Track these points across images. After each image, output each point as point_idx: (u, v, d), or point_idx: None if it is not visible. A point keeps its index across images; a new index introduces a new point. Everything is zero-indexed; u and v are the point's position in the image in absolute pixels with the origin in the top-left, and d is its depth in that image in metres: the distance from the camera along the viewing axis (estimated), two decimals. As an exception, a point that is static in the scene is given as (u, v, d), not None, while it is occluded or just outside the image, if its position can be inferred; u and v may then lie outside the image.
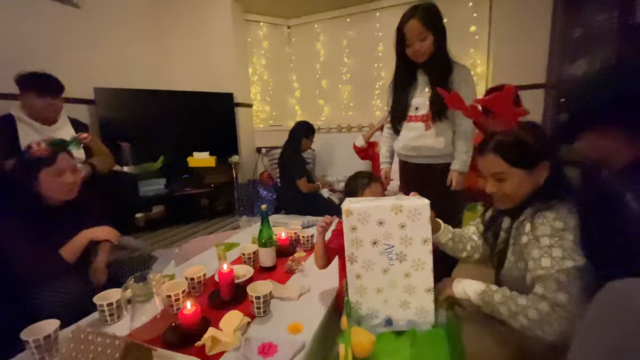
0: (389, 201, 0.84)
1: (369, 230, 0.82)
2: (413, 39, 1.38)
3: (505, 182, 0.86)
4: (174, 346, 0.92)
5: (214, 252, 1.56)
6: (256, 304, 1.04)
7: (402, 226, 0.81)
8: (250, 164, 3.53)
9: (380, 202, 0.85)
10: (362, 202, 0.87)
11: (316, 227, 1.14)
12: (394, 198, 0.90)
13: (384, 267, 0.84)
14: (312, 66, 3.61)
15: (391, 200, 0.85)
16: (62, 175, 1.24)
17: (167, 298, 1.08)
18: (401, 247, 0.83)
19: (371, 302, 0.86)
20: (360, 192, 1.13)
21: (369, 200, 0.90)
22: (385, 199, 0.89)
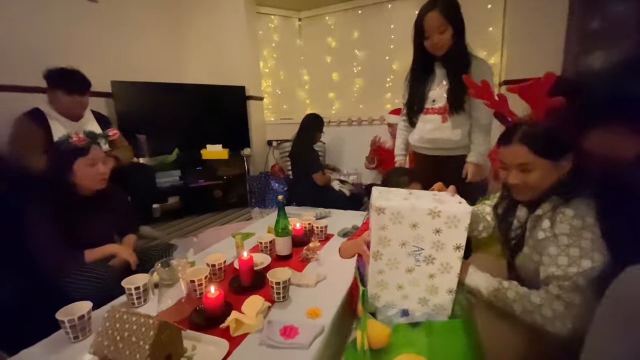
0: (426, 201, 0.77)
1: (400, 231, 0.77)
2: (432, 31, 1.38)
3: (530, 173, 0.84)
4: (200, 328, 0.97)
5: (231, 241, 1.62)
6: (276, 289, 1.08)
7: (437, 231, 0.76)
8: (261, 156, 3.57)
9: (416, 200, 0.78)
10: (395, 197, 0.80)
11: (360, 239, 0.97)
12: (431, 195, 0.83)
13: (409, 267, 0.82)
14: (322, 59, 3.61)
15: (428, 201, 0.77)
16: (95, 165, 1.31)
17: (191, 283, 1.14)
18: (431, 250, 0.79)
19: (390, 296, 0.86)
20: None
21: (403, 195, 0.82)
22: (422, 197, 0.81)
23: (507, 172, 0.89)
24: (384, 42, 3.33)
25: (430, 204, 0.75)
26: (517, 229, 0.95)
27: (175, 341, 0.85)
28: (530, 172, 0.84)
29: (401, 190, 0.87)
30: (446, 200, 0.80)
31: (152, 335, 0.78)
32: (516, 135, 0.85)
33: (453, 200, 0.80)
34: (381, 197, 0.80)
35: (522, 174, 0.86)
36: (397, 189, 0.87)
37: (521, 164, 0.85)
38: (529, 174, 0.84)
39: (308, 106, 3.76)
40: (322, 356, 0.90)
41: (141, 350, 0.78)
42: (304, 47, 3.71)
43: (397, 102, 3.36)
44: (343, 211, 2.20)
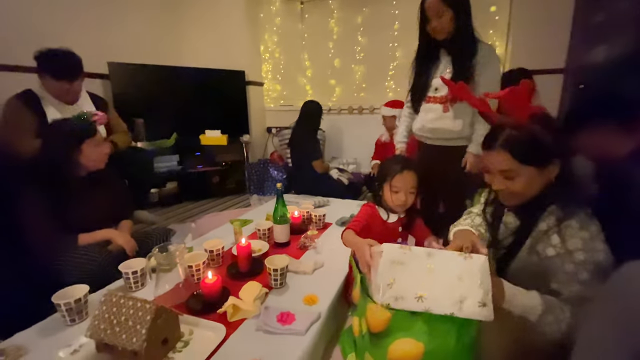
0: (445, 298, 0.68)
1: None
2: (432, 14, 1.35)
3: (514, 180, 0.80)
4: (197, 313, 0.98)
5: (229, 227, 1.62)
6: (273, 276, 1.09)
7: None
8: (260, 143, 3.55)
9: (430, 300, 0.68)
10: (407, 283, 0.70)
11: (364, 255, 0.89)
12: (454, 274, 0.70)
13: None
14: (324, 44, 3.53)
15: (449, 296, 0.68)
16: (101, 146, 1.31)
17: (189, 268, 1.14)
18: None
19: None
20: (390, 177, 1.10)
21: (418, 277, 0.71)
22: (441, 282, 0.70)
23: (492, 177, 0.86)
24: (388, 29, 3.26)
25: (448, 307, 0.67)
26: (509, 236, 0.90)
27: (172, 326, 0.86)
28: (514, 179, 0.80)
29: (419, 261, 0.72)
30: (470, 292, 0.68)
31: (149, 319, 0.79)
32: (499, 141, 0.81)
33: (476, 291, 0.68)
34: (390, 291, 0.70)
35: (506, 180, 0.82)
36: (414, 255, 0.73)
37: (504, 171, 0.81)
38: (513, 180, 0.80)
39: (308, 93, 3.70)
40: (318, 342, 0.91)
41: (138, 334, 0.78)
42: (306, 31, 3.62)
43: (400, 91, 3.32)
44: (341, 200, 2.20)
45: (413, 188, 1.11)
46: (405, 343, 0.74)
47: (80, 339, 0.86)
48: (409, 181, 1.09)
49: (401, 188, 1.10)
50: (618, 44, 2.06)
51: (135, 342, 0.78)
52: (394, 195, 1.11)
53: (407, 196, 1.11)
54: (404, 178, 1.09)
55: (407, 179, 1.09)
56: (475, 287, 0.68)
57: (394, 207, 1.15)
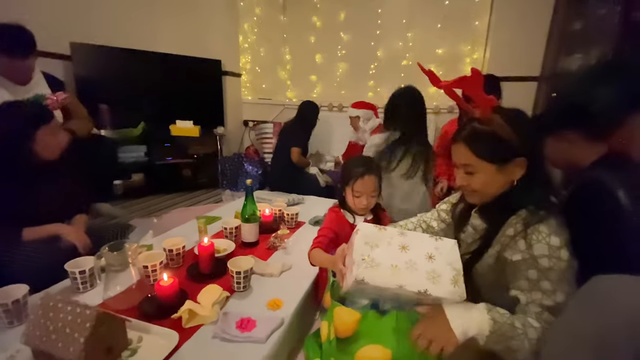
0: (418, 275, 0.67)
1: (379, 293, 0.71)
2: None
3: (473, 176, 0.79)
4: (150, 317, 0.90)
5: (195, 224, 1.53)
6: (236, 278, 1.02)
7: (419, 300, 0.70)
8: (236, 136, 3.43)
9: (406, 273, 0.67)
10: (382, 258, 0.69)
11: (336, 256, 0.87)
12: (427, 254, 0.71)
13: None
14: (306, 39, 3.46)
15: (421, 274, 0.67)
16: (58, 134, 1.20)
17: (144, 269, 1.05)
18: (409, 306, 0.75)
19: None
20: (352, 182, 1.08)
21: (393, 255, 0.70)
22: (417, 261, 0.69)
23: (456, 172, 0.84)
24: (371, 27, 3.23)
25: (421, 283, 0.66)
26: (477, 240, 0.86)
27: (116, 333, 0.78)
28: (474, 174, 0.79)
29: (393, 239, 0.72)
30: (442, 269, 0.68)
31: (89, 327, 0.71)
32: (462, 134, 0.80)
33: (448, 270, 0.69)
34: (365, 263, 0.68)
35: (466, 175, 0.80)
36: (388, 234, 0.73)
37: (464, 165, 0.80)
38: (473, 176, 0.79)
39: (288, 87, 3.62)
40: (280, 350, 0.86)
41: (75, 343, 0.70)
42: (288, 24, 3.53)
43: (380, 91, 3.31)
44: (317, 198, 2.15)
45: (374, 191, 1.10)
46: (372, 350, 0.71)
47: (17, 344, 0.77)
48: (370, 185, 1.08)
49: (363, 192, 1.08)
50: (592, 53, 2.13)
51: (73, 351, 0.69)
52: (356, 199, 1.10)
53: (368, 200, 1.10)
54: (365, 183, 1.07)
55: (368, 184, 1.07)
56: (446, 265, 0.69)
57: (357, 210, 1.14)
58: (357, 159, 1.15)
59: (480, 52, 2.98)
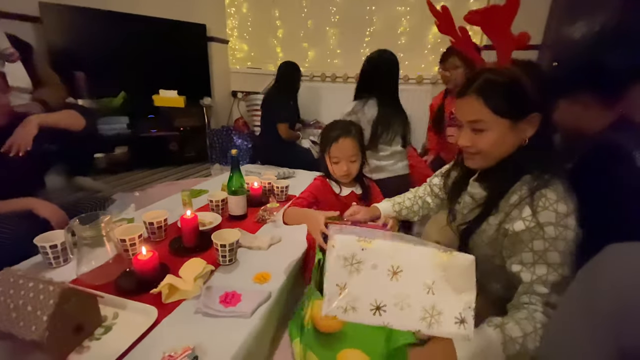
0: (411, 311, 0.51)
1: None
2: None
3: (483, 134, 0.70)
4: (128, 293, 0.85)
5: (179, 198, 1.45)
6: (221, 252, 0.96)
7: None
8: (224, 108, 3.27)
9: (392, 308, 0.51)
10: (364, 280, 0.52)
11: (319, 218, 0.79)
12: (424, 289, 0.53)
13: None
14: (297, 2, 3.22)
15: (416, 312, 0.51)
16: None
17: (122, 242, 0.98)
18: None
19: None
20: (328, 147, 1.00)
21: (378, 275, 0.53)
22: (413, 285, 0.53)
23: (459, 133, 0.75)
24: (366, -11, 3.01)
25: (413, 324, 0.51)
26: (475, 208, 0.79)
27: (87, 310, 0.72)
28: (483, 132, 0.69)
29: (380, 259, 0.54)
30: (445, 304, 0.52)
31: (52, 304, 0.64)
32: (474, 85, 0.69)
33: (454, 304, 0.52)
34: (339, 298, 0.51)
35: (474, 134, 0.71)
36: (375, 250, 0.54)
37: (474, 121, 0.70)
38: (482, 134, 0.70)
39: (279, 56, 3.42)
40: (266, 325, 0.82)
41: (38, 321, 0.64)
42: (278, -14, 3.27)
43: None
44: (308, 172, 2.08)
45: (354, 156, 1.00)
46: (355, 356, 0.65)
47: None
48: (347, 149, 0.98)
49: (341, 157, 1.00)
50: (597, 20, 2.02)
51: (35, 330, 0.64)
52: (335, 166, 1.02)
53: (348, 165, 1.00)
54: (341, 146, 0.98)
55: (345, 147, 0.98)
56: (453, 296, 0.52)
57: (339, 179, 1.06)
58: (334, 123, 1.05)
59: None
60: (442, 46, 2.95)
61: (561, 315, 0.55)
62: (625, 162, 0.63)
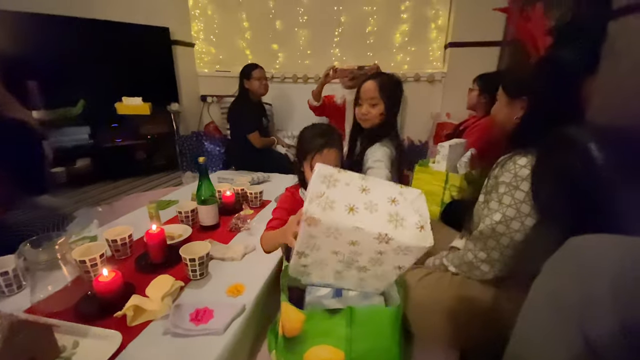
0: (378, 217, 0.57)
1: (335, 243, 0.60)
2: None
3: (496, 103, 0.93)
4: (89, 319, 0.79)
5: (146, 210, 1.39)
6: (190, 266, 0.92)
7: (380, 253, 0.61)
8: (194, 113, 3.16)
9: (364, 213, 0.57)
10: (339, 198, 0.58)
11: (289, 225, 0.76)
12: (389, 198, 0.60)
13: (338, 270, 0.68)
14: (264, 3, 3.18)
15: (382, 215, 0.57)
16: None
17: (82, 264, 0.92)
18: (368, 263, 0.64)
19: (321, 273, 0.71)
20: (310, 157, 0.92)
21: (352, 195, 0.59)
22: (377, 204, 0.59)
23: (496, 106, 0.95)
24: (333, -10, 3.02)
25: (381, 225, 0.56)
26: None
27: (41, 342, 0.66)
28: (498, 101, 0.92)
29: (352, 181, 0.62)
30: (406, 213, 0.59)
31: (0, 338, 0.58)
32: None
33: (413, 215, 0.60)
34: (319, 200, 0.57)
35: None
36: (348, 176, 0.62)
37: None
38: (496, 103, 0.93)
39: (248, 58, 3.36)
40: (242, 340, 0.79)
41: (-17, 360, 0.58)
42: (243, -13, 3.21)
43: (345, 59, 3.17)
44: (284, 175, 2.05)
45: (337, 167, 0.97)
46: (321, 350, 0.65)
47: None
48: (332, 160, 0.90)
49: None
50: (553, 13, 2.12)
51: (-20, 371, 0.57)
52: None
53: None
54: (326, 158, 0.90)
55: (330, 159, 0.91)
56: (412, 211, 0.59)
57: None
58: (315, 127, 0.97)
59: (444, 18, 2.90)
60: (410, 45, 3.02)
61: (528, 309, 0.56)
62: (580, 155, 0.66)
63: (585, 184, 0.65)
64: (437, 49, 3.00)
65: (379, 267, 0.63)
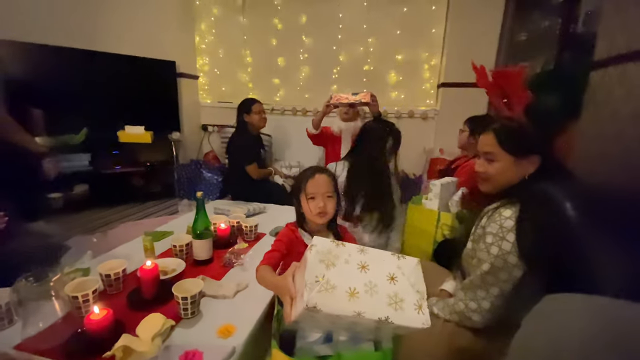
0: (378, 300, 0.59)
1: (334, 320, 0.61)
2: None
3: (493, 164, 0.89)
4: (79, 358, 0.79)
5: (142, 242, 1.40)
6: (182, 305, 0.93)
7: (378, 329, 0.63)
8: (194, 142, 3.24)
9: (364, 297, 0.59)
10: (339, 283, 0.59)
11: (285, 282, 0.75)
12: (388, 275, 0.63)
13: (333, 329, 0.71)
14: (267, 41, 3.37)
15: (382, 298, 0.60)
16: None
17: (74, 300, 0.92)
18: (365, 331, 0.67)
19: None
20: (303, 185, 1.01)
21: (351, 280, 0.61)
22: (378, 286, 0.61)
23: (478, 161, 0.94)
24: (332, 31, 3.22)
25: (382, 309, 0.58)
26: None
27: (29, 385, 0.66)
28: (493, 162, 0.88)
29: (351, 257, 0.64)
30: (405, 292, 0.62)
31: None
32: (492, 126, 0.90)
33: (411, 293, 0.62)
34: (319, 286, 0.58)
35: (486, 163, 0.90)
36: (346, 250, 0.65)
37: (487, 153, 0.90)
38: (492, 164, 0.89)
39: (250, 90, 3.50)
40: (230, 383, 0.78)
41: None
42: (248, 25, 3.41)
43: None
44: (279, 206, 2.07)
45: (330, 192, 1.01)
46: None
47: None
48: (322, 185, 0.99)
49: (316, 193, 0.99)
50: (538, 61, 2.28)
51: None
52: (311, 203, 0.99)
53: (324, 201, 0.98)
54: (317, 182, 0.99)
55: (321, 182, 1.00)
56: (409, 288, 0.63)
57: (315, 219, 1.01)
58: (308, 167, 1.08)
59: (437, 59, 3.08)
60: (404, 83, 3.18)
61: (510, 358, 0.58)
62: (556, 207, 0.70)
63: (563, 237, 0.68)
64: (430, 87, 3.15)
65: (375, 332, 0.66)
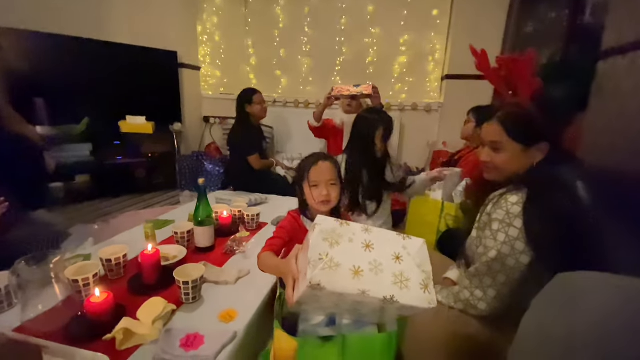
0: (384, 279, 0.58)
1: (338, 299, 0.60)
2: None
3: (499, 153, 0.86)
4: (79, 340, 0.78)
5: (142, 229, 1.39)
6: (184, 289, 0.92)
7: (383, 309, 0.62)
8: (195, 134, 3.23)
9: (369, 276, 0.58)
10: (343, 261, 0.59)
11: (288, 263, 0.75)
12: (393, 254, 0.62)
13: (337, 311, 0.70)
14: (270, 32, 3.33)
15: (388, 277, 0.59)
16: None
17: (74, 283, 0.91)
18: (369, 312, 0.65)
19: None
20: (306, 173, 0.96)
21: (355, 257, 0.60)
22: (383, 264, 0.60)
23: (482, 149, 0.92)
24: (335, 23, 3.18)
25: (387, 288, 0.57)
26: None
27: (28, 365, 0.65)
28: (500, 151, 0.86)
29: (356, 236, 0.63)
30: (410, 271, 0.61)
31: (-14, 362, 0.58)
32: (497, 114, 0.87)
33: (417, 273, 0.61)
34: (323, 263, 0.57)
35: (492, 152, 0.88)
36: (350, 229, 0.63)
37: (493, 142, 0.87)
38: (498, 153, 0.86)
39: (252, 82, 3.47)
40: (232, 367, 0.77)
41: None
42: (250, 16, 3.38)
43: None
44: (281, 197, 2.06)
45: (333, 180, 0.97)
46: None
47: None
48: (326, 172, 0.96)
49: (319, 181, 0.95)
50: (544, 53, 2.24)
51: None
52: (315, 191, 0.96)
53: (328, 189, 0.95)
54: (320, 169, 0.96)
55: (324, 169, 0.96)
56: (415, 267, 0.61)
57: (318, 207, 0.98)
58: (311, 154, 1.04)
59: (442, 51, 3.05)
60: (408, 75, 3.15)
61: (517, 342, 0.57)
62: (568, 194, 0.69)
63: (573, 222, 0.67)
64: (434, 80, 3.12)
65: (379, 314, 0.65)
